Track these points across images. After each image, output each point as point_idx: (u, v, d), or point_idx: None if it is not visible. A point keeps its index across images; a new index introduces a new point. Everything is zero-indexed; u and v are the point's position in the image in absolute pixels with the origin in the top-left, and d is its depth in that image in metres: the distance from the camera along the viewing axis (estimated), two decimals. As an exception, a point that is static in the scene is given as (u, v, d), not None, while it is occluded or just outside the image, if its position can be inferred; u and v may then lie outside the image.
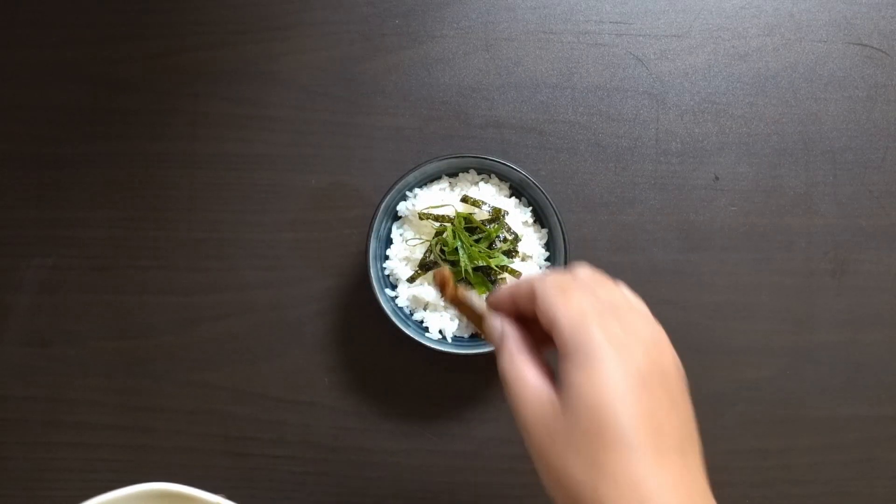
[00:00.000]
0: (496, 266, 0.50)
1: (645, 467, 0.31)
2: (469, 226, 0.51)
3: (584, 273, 0.37)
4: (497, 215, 0.51)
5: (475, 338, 0.53)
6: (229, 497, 0.51)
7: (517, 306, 0.37)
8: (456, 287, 0.40)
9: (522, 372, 0.35)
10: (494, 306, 0.38)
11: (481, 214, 0.52)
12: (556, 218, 0.51)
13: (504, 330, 0.37)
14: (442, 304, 0.52)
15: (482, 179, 0.53)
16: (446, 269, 0.40)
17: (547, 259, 0.53)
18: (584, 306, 0.34)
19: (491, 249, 0.51)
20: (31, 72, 0.58)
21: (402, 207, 0.53)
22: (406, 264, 0.52)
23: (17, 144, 0.57)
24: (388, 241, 0.53)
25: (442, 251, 0.51)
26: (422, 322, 0.53)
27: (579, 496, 0.32)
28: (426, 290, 0.52)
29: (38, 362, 0.56)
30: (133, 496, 0.47)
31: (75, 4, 0.58)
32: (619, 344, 0.33)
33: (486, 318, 0.38)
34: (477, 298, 0.40)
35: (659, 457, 0.32)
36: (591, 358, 0.32)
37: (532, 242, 0.52)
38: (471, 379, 0.56)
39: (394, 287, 0.53)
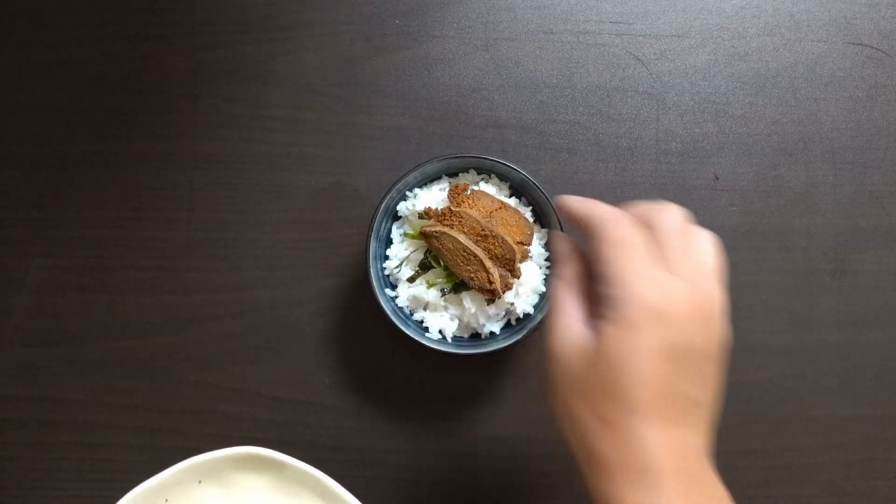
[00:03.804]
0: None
1: (646, 429, 0.34)
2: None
3: (667, 223, 0.37)
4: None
5: (475, 338, 0.53)
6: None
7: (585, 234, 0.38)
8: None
9: (566, 306, 0.37)
10: (572, 221, 0.40)
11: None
12: (556, 218, 0.51)
13: (564, 250, 0.39)
14: (442, 303, 0.52)
15: (482, 179, 0.53)
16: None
17: (547, 259, 0.53)
18: (640, 270, 0.35)
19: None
20: (31, 72, 0.58)
21: (402, 207, 0.53)
22: (406, 264, 0.52)
23: (17, 144, 0.57)
24: (388, 241, 0.53)
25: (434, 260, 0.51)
26: (422, 322, 0.52)
27: (585, 440, 0.35)
28: (426, 290, 0.52)
29: (38, 362, 0.56)
30: (226, 458, 0.49)
31: (75, 4, 0.58)
32: (658, 313, 0.34)
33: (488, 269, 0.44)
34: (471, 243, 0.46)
35: (662, 422, 0.34)
36: (627, 320, 0.34)
37: (532, 243, 0.52)
38: (471, 379, 0.56)
39: (394, 287, 0.53)
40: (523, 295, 0.52)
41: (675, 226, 0.37)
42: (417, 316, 0.53)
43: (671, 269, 0.36)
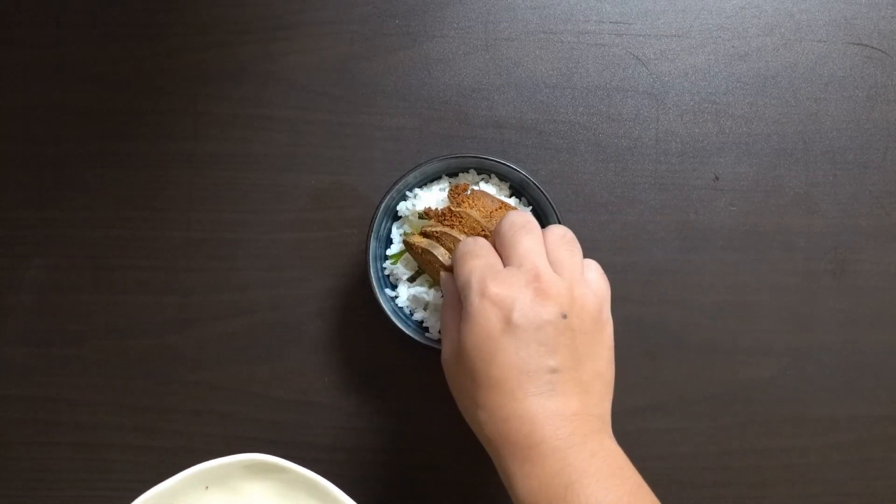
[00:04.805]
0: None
1: (517, 405, 0.38)
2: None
3: (503, 230, 0.42)
4: (497, 215, 0.51)
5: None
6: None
7: None
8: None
9: (447, 323, 0.42)
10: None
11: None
12: (556, 218, 0.51)
13: (445, 285, 0.44)
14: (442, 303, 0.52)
15: (482, 179, 0.53)
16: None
17: (547, 259, 0.53)
18: (473, 272, 0.40)
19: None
20: (31, 72, 0.58)
21: (402, 207, 0.53)
22: (406, 264, 0.52)
23: (17, 144, 0.57)
24: (388, 241, 0.53)
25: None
26: (422, 322, 0.53)
27: (476, 428, 0.40)
28: (426, 290, 0.52)
29: (38, 362, 0.56)
30: (233, 464, 0.50)
31: (75, 4, 0.58)
32: (494, 302, 0.39)
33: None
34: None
35: (531, 396, 0.38)
36: (468, 314, 0.39)
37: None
38: (471, 379, 0.56)
39: (394, 287, 0.53)
40: (523, 295, 0.51)
41: (508, 227, 0.43)
42: (417, 316, 0.53)
43: (505, 261, 0.41)
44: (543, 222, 0.53)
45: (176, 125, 0.57)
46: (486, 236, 0.49)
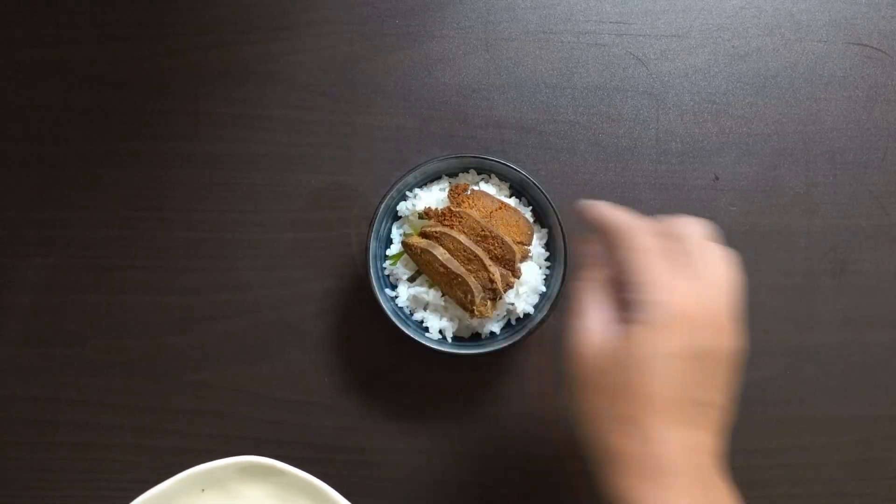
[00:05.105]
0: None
1: (663, 428, 0.37)
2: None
3: (689, 236, 0.40)
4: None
5: (475, 338, 0.53)
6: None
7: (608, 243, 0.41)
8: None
9: (593, 311, 0.40)
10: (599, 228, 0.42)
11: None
12: (556, 218, 0.51)
13: (594, 264, 0.42)
14: (442, 303, 0.52)
15: (482, 179, 0.53)
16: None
17: (547, 259, 0.53)
18: (666, 277, 0.38)
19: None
20: (31, 72, 0.58)
21: (402, 207, 0.53)
22: (406, 264, 0.52)
23: (17, 144, 0.57)
24: (388, 241, 0.53)
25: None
26: (422, 322, 0.53)
27: (603, 436, 0.38)
28: (426, 290, 0.52)
29: (38, 362, 0.56)
30: (229, 467, 0.50)
31: (75, 4, 0.58)
32: (682, 318, 0.37)
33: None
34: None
35: (678, 423, 0.37)
36: (657, 323, 0.37)
37: (532, 242, 0.52)
38: (471, 379, 0.56)
39: (394, 287, 0.53)
40: (523, 295, 0.52)
41: (696, 239, 0.40)
42: (417, 316, 0.53)
43: (689, 277, 0.39)
44: (543, 223, 0.53)
45: (176, 125, 0.57)
46: (485, 236, 0.49)
